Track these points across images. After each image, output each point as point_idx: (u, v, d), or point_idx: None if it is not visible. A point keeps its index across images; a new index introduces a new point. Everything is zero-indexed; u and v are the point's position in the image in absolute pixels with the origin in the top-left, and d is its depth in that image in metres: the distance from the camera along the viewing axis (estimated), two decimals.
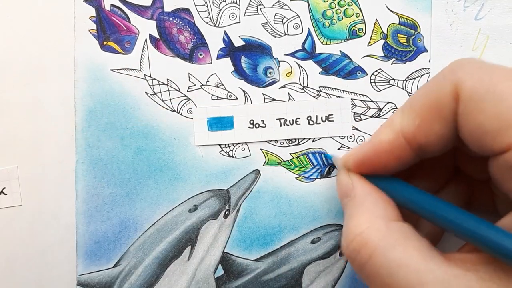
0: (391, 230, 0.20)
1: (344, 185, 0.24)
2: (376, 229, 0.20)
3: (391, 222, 0.21)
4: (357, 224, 0.21)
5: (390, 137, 0.22)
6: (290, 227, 0.31)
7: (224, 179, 0.31)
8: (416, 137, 0.21)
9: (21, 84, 0.31)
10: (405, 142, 0.21)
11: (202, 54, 0.31)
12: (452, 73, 0.20)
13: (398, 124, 0.22)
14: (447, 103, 0.20)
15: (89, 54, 0.31)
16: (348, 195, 0.24)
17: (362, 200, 0.22)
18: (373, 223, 0.21)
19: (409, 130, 0.21)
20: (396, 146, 0.22)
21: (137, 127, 0.31)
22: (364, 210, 0.22)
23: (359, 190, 0.23)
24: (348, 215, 0.22)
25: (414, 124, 0.21)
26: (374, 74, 0.31)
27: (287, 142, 0.31)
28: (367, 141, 0.23)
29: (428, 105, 0.21)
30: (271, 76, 0.31)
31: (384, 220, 0.21)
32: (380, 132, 0.23)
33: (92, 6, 0.31)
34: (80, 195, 0.31)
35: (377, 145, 0.22)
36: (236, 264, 0.31)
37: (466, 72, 0.20)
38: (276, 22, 0.31)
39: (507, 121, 0.18)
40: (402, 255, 0.19)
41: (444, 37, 0.30)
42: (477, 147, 0.19)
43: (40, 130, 0.31)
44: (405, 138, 0.21)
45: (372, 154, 0.23)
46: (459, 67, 0.20)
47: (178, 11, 0.31)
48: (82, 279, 0.31)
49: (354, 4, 0.31)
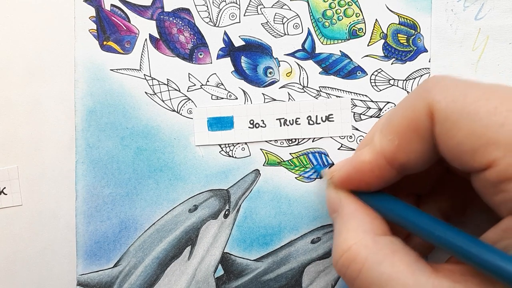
0: (378, 245, 0.20)
1: (332, 201, 0.25)
2: (363, 245, 0.21)
3: (378, 236, 0.21)
4: (345, 239, 0.21)
5: (370, 157, 0.22)
6: (290, 227, 0.31)
7: (224, 179, 0.31)
8: (396, 156, 0.21)
9: (21, 84, 0.31)
10: (385, 162, 0.21)
11: (202, 54, 0.31)
12: (426, 92, 0.20)
13: (378, 144, 0.22)
14: (423, 122, 0.20)
15: (89, 54, 0.31)
16: (336, 210, 0.24)
17: (349, 216, 0.23)
18: (361, 238, 0.21)
19: (388, 150, 0.21)
20: (377, 165, 0.22)
21: (137, 127, 0.31)
22: (351, 226, 0.22)
23: (346, 206, 0.23)
24: (337, 231, 0.23)
25: (393, 144, 0.21)
26: (374, 74, 0.31)
27: (287, 142, 0.31)
28: (350, 159, 0.23)
29: (405, 125, 0.21)
30: (271, 76, 0.31)
31: (371, 235, 0.21)
32: (361, 152, 0.23)
33: (92, 6, 0.31)
34: (80, 195, 0.31)
35: (358, 164, 0.23)
36: (236, 264, 0.31)
37: (440, 92, 0.20)
38: (276, 22, 0.31)
39: (483, 140, 0.18)
40: (390, 270, 0.19)
41: (444, 37, 0.30)
42: (458, 164, 0.20)
43: (40, 130, 0.31)
44: (385, 158, 0.21)
45: (354, 173, 0.23)
46: (432, 86, 0.20)
47: (178, 11, 0.31)
48: (82, 279, 0.31)
49: (354, 4, 0.31)
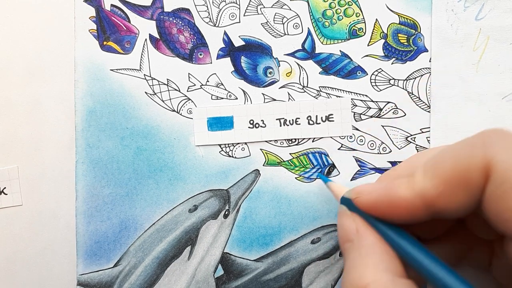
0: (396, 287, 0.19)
1: (347, 228, 0.23)
2: (381, 285, 0.19)
3: (398, 278, 0.20)
4: (362, 276, 0.20)
5: (408, 195, 0.21)
6: (290, 227, 0.31)
7: (224, 179, 0.31)
8: (436, 203, 0.20)
9: (21, 84, 0.31)
10: (422, 204, 0.20)
11: (202, 54, 0.31)
12: (484, 147, 0.19)
13: (420, 185, 0.20)
14: (475, 178, 0.19)
15: (89, 54, 0.31)
16: (350, 240, 0.22)
17: (368, 250, 0.21)
18: (379, 277, 0.20)
19: (429, 195, 0.20)
20: (412, 205, 0.21)
21: (137, 127, 0.31)
22: (369, 261, 0.21)
23: (364, 238, 0.22)
24: (351, 264, 0.21)
25: (436, 190, 0.20)
26: (374, 74, 0.31)
27: (287, 142, 0.31)
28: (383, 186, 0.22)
29: (454, 175, 0.19)
30: (271, 76, 0.31)
31: (390, 276, 0.20)
32: (398, 184, 0.21)
33: (92, 6, 0.31)
34: (80, 195, 0.31)
35: (393, 198, 0.21)
36: (236, 264, 0.31)
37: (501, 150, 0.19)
38: (276, 22, 0.31)
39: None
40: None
41: (444, 37, 0.30)
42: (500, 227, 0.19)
43: (40, 130, 0.31)
44: (423, 200, 0.20)
45: (385, 204, 0.22)
46: (492, 142, 0.19)
47: (178, 11, 0.31)
48: (82, 279, 0.31)
49: (354, 3, 0.30)
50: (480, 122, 0.30)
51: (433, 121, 0.30)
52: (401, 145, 0.31)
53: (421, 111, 0.30)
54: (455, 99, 0.30)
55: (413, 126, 0.31)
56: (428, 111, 0.30)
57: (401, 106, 0.31)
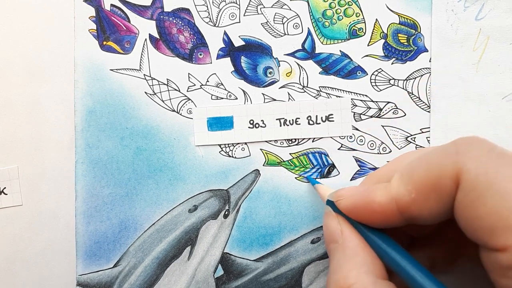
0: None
1: (332, 230, 0.24)
2: (363, 287, 0.20)
3: (379, 280, 0.21)
4: (346, 277, 0.21)
5: (383, 200, 0.21)
6: (290, 227, 0.31)
7: (224, 179, 0.31)
8: (409, 208, 0.21)
9: (21, 84, 0.31)
10: (396, 209, 0.21)
11: (202, 54, 0.31)
12: (457, 155, 0.19)
13: (394, 190, 0.21)
14: (446, 185, 0.19)
15: (88, 54, 0.31)
16: (336, 241, 0.23)
17: (352, 252, 0.22)
18: (362, 279, 0.21)
19: (403, 200, 0.21)
20: (387, 210, 0.21)
21: (137, 127, 0.31)
22: (353, 264, 0.22)
23: (348, 240, 0.23)
24: (336, 264, 0.22)
25: (409, 196, 0.20)
26: (374, 74, 0.31)
27: (287, 142, 0.31)
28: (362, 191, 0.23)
29: (427, 181, 0.20)
30: (271, 76, 0.31)
31: (372, 278, 0.21)
32: (374, 189, 0.22)
33: (92, 6, 0.31)
34: (79, 195, 0.31)
35: (369, 202, 0.22)
36: (236, 264, 0.31)
37: (471, 158, 0.19)
38: (276, 22, 0.31)
39: (506, 222, 0.17)
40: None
41: (444, 37, 0.30)
42: (471, 235, 0.19)
43: (40, 130, 0.31)
44: (397, 205, 0.21)
45: (362, 207, 0.22)
46: (465, 150, 0.19)
47: (178, 11, 0.31)
48: (81, 279, 0.31)
49: (354, 3, 0.30)
50: (480, 122, 0.30)
51: (433, 121, 0.30)
52: (401, 145, 0.31)
53: (421, 111, 0.30)
54: (455, 99, 0.30)
55: (413, 126, 0.31)
56: (428, 111, 0.30)
57: (401, 106, 0.31)
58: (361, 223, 0.23)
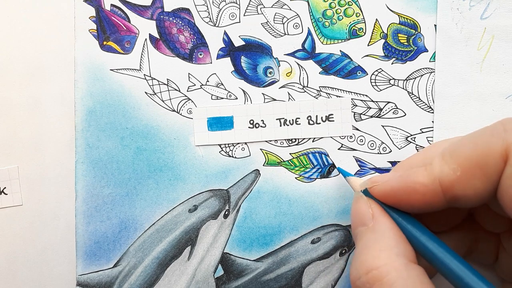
0: (409, 272, 0.20)
1: (362, 213, 0.23)
2: (394, 268, 0.20)
3: (410, 264, 0.20)
4: (375, 258, 0.20)
5: (426, 180, 0.21)
6: (290, 227, 0.31)
7: (224, 179, 0.31)
8: (454, 188, 0.20)
9: (21, 84, 0.31)
10: (440, 190, 0.21)
11: (202, 54, 0.31)
12: (505, 132, 0.19)
13: (438, 170, 0.21)
14: (494, 162, 0.19)
15: (89, 54, 0.31)
16: (365, 224, 0.23)
17: (383, 233, 0.22)
18: (393, 261, 0.20)
19: (448, 180, 0.20)
20: (430, 191, 0.21)
21: (137, 127, 0.31)
22: (384, 245, 0.21)
23: (380, 222, 0.22)
24: (364, 245, 0.22)
25: (454, 175, 0.20)
26: (374, 74, 0.31)
27: (287, 142, 0.31)
28: (400, 175, 0.22)
29: (473, 159, 0.20)
30: (271, 76, 0.31)
31: (404, 260, 0.20)
32: (415, 171, 0.22)
33: (92, 6, 0.31)
34: (80, 195, 0.31)
35: (410, 184, 0.21)
36: (236, 264, 0.31)
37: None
38: (276, 22, 0.31)
39: None
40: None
41: (449, 36, 0.30)
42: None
43: (40, 130, 0.31)
44: (441, 186, 0.21)
45: (402, 192, 0.22)
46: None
47: (178, 11, 0.31)
48: (81, 279, 0.31)
49: (354, 3, 0.30)
50: (484, 122, 0.30)
51: (436, 120, 0.30)
52: (401, 145, 0.31)
53: (421, 111, 0.30)
54: (458, 98, 0.30)
55: (413, 126, 0.31)
56: (428, 111, 0.30)
57: (401, 106, 0.31)
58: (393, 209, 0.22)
